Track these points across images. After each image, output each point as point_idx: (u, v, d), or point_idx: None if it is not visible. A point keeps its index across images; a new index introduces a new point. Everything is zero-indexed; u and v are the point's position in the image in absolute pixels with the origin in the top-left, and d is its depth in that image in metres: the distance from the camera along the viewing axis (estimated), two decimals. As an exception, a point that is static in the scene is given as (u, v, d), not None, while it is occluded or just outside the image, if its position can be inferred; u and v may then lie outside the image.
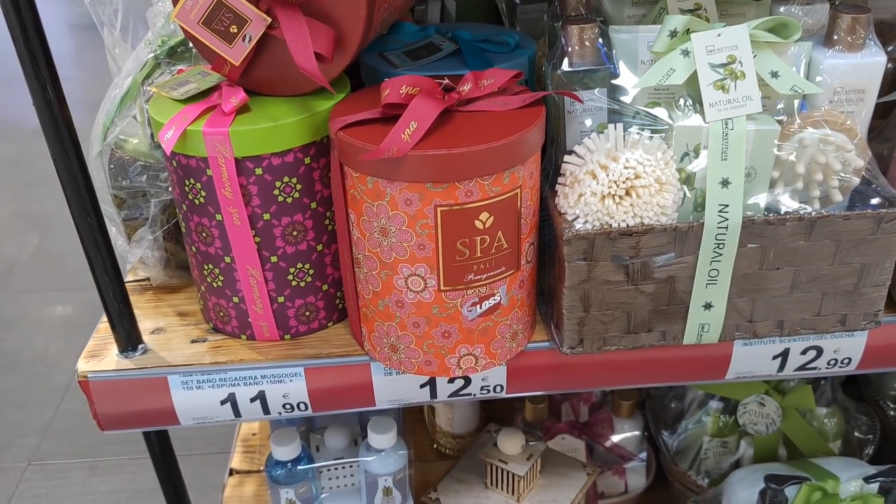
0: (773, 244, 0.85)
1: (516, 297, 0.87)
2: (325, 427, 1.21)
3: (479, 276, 0.82)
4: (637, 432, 1.43)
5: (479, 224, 0.79)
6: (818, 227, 0.85)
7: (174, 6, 0.85)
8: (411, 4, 1.06)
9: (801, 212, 0.86)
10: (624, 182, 0.82)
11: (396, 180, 0.77)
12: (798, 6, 0.99)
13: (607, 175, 0.82)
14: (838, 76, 0.85)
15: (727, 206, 0.83)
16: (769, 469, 1.21)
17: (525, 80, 0.99)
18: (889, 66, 1.06)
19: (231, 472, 1.53)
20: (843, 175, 0.86)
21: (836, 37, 0.85)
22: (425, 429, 1.63)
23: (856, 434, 1.35)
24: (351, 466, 1.16)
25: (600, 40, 0.87)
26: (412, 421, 1.66)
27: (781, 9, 0.99)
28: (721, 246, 0.84)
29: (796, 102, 0.87)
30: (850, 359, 0.96)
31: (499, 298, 0.85)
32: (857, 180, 0.86)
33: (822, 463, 1.22)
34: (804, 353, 0.96)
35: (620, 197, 0.83)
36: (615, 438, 1.42)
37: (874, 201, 0.87)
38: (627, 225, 0.83)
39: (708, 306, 0.88)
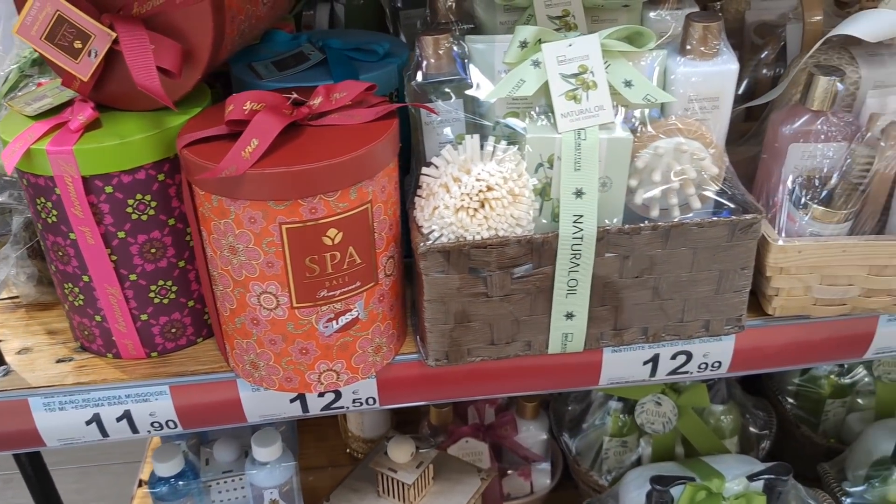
0: (630, 253, 0.85)
1: (376, 312, 0.86)
2: (216, 440, 1.19)
3: (332, 292, 0.81)
4: (542, 433, 1.43)
5: (327, 240, 0.78)
6: (673, 236, 0.85)
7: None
8: (282, 13, 1.04)
9: (658, 221, 0.86)
10: (477, 195, 0.81)
11: (239, 199, 0.76)
12: (668, 11, 1.00)
13: (460, 188, 0.81)
14: (692, 84, 0.86)
15: (582, 216, 0.83)
16: (661, 469, 1.22)
17: (396, 89, 0.98)
18: (766, 71, 1.08)
19: (140, 484, 1.51)
20: (699, 182, 0.86)
21: (689, 45, 0.86)
22: (339, 434, 1.63)
23: (752, 429, 1.37)
24: (240, 479, 1.15)
25: (456, 49, 0.86)
26: (326, 426, 1.65)
27: (652, 14, 1.00)
28: (578, 256, 0.84)
29: (647, 111, 0.87)
30: (720, 362, 0.97)
31: (356, 313, 0.84)
32: (714, 187, 0.87)
33: (714, 461, 1.23)
34: (674, 357, 0.96)
35: (475, 210, 0.82)
36: (520, 440, 1.42)
37: (729, 209, 0.87)
38: (482, 237, 0.83)
39: (570, 316, 0.88)
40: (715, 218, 0.85)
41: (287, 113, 0.80)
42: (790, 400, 1.43)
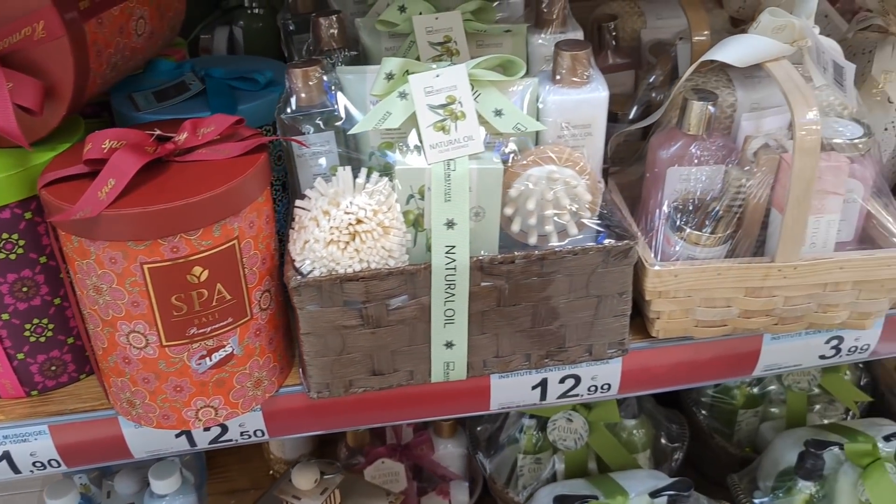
0: (506, 281, 0.85)
1: (253, 346, 0.85)
2: (118, 471, 1.18)
3: (203, 329, 0.81)
4: (460, 451, 1.43)
5: (192, 279, 0.78)
6: (548, 264, 0.85)
7: None
8: (167, 41, 1.03)
9: (535, 248, 0.86)
10: (347, 228, 0.81)
11: (98, 239, 0.75)
12: (551, 34, 1.00)
13: (329, 221, 0.81)
14: (563, 112, 0.86)
15: (454, 246, 0.83)
16: (569, 487, 1.22)
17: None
18: (655, 95, 1.09)
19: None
20: (574, 209, 0.86)
21: (559, 74, 0.86)
22: (262, 455, 1.61)
23: (665, 442, 1.38)
24: (141, 512, 1.14)
25: (327, 80, 0.86)
26: (250, 447, 1.64)
27: (539, 38, 1.00)
28: (453, 286, 0.84)
29: (522, 140, 0.87)
30: (609, 384, 0.98)
31: (231, 349, 0.83)
32: (588, 214, 0.87)
33: (623, 476, 1.24)
34: (562, 381, 0.96)
35: (346, 243, 0.82)
36: (438, 458, 1.42)
37: (603, 235, 0.88)
38: (354, 270, 0.82)
39: (449, 345, 0.88)
40: (587, 245, 0.85)
41: (149, 150, 0.79)
42: (703, 411, 1.45)
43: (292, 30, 1.13)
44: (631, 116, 1.10)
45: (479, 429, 1.40)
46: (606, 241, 0.86)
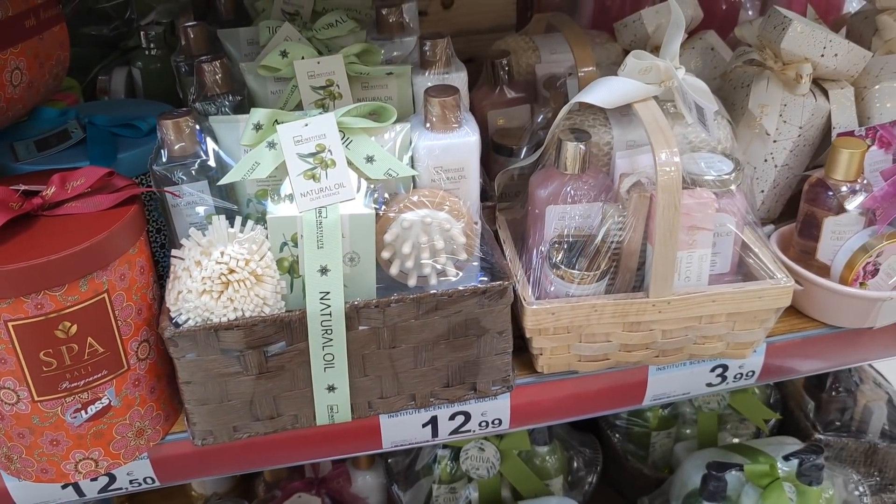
0: (384, 325, 0.86)
1: (132, 397, 0.85)
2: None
3: (75, 383, 0.80)
4: (378, 482, 1.43)
5: (60, 334, 0.77)
6: (425, 307, 0.86)
7: None
8: (52, 88, 1.03)
9: (414, 290, 0.88)
10: (219, 277, 0.81)
11: (-41, 298, 0.74)
12: (436, 74, 1.02)
13: (201, 271, 0.81)
14: (436, 157, 0.87)
15: (328, 293, 0.83)
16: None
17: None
18: (542, 133, 1.10)
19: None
20: (450, 251, 0.88)
21: (430, 119, 0.87)
22: (185, 491, 1.60)
23: (578, 467, 1.39)
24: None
25: (199, 128, 0.86)
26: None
27: (423, 80, 1.02)
28: (329, 332, 0.85)
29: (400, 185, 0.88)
30: (499, 419, 0.99)
31: (107, 401, 0.83)
32: (464, 256, 0.89)
33: (533, 504, 1.25)
34: (453, 418, 0.97)
35: (219, 292, 0.82)
36: (356, 490, 1.43)
37: (481, 275, 0.89)
38: (229, 319, 0.83)
39: (331, 388, 0.89)
40: (461, 288, 0.86)
41: (14, 206, 0.79)
42: (618, 434, 1.47)
43: (185, 71, 1.14)
44: (524, 152, 1.12)
45: (390, 460, 1.40)
46: (480, 283, 0.88)
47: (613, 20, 1.26)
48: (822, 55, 1.03)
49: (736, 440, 1.46)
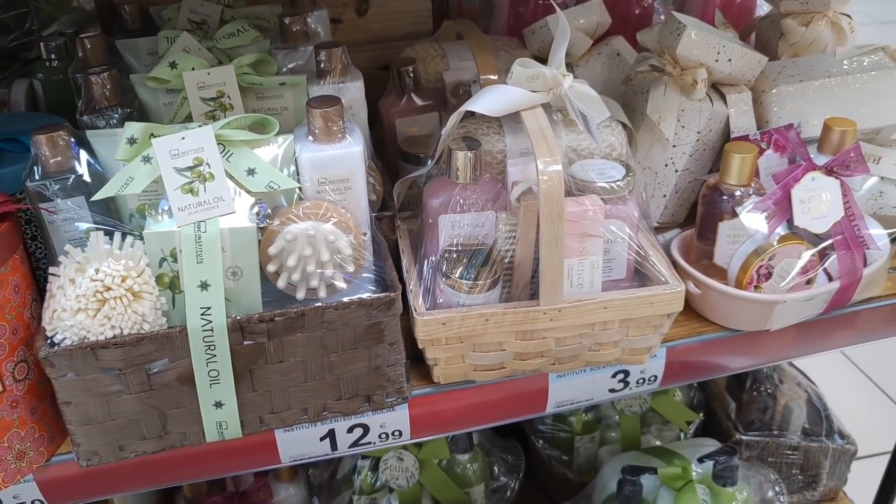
0: (270, 339, 0.85)
1: (10, 419, 0.83)
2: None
3: (-54, 407, 0.78)
4: (301, 495, 1.42)
5: (-75, 357, 0.75)
6: (310, 320, 0.85)
7: None
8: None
9: (303, 302, 0.87)
10: (94, 295, 0.80)
11: None
12: (332, 84, 1.01)
13: (75, 289, 0.79)
14: (319, 168, 0.86)
15: (209, 308, 0.82)
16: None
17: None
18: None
19: None
20: (338, 263, 0.87)
21: (313, 131, 0.86)
22: (109, 508, 1.57)
23: (500, 474, 1.39)
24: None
25: (74, 142, 0.85)
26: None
27: (319, 89, 1.01)
28: (212, 348, 0.83)
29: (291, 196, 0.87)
30: (399, 431, 0.98)
31: (-18, 424, 0.81)
32: (352, 267, 0.88)
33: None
34: (351, 431, 0.96)
35: (96, 310, 0.80)
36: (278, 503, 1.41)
37: (370, 287, 0.88)
38: (106, 337, 0.81)
39: (219, 405, 0.87)
40: (347, 300, 0.86)
41: None
42: (542, 440, 1.47)
43: (82, 83, 1.11)
44: (432, 160, 1.11)
45: (311, 472, 1.39)
46: (367, 294, 0.87)
47: (527, 26, 1.26)
48: (717, 60, 1.03)
49: (659, 443, 1.47)
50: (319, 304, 0.85)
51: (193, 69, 0.97)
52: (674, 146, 1.08)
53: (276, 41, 1.16)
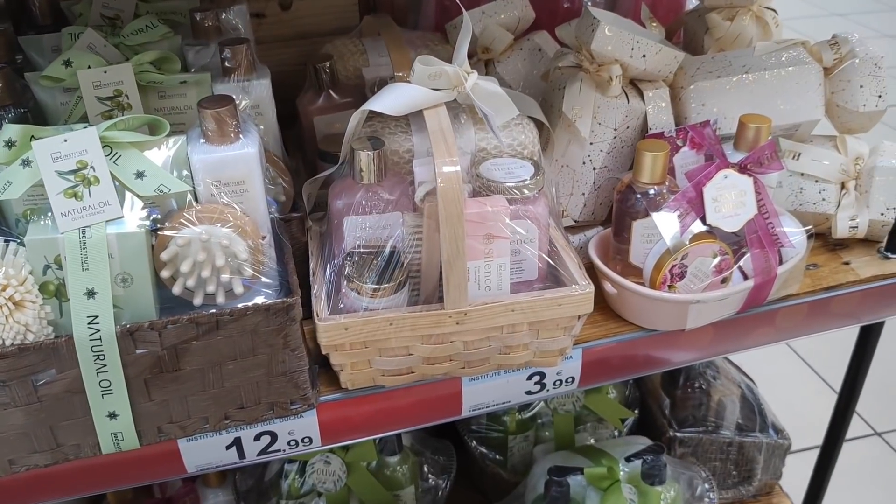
0: (163, 347, 0.83)
1: None
2: None
3: None
4: (229, 499, 1.39)
5: None
6: (206, 327, 0.83)
7: None
8: None
9: (201, 308, 0.84)
10: (-28, 305, 0.77)
11: None
12: (237, 82, 0.98)
13: (-48, 300, 0.76)
14: (212, 171, 0.84)
15: (97, 316, 0.79)
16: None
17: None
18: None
19: None
20: (235, 268, 0.84)
21: (206, 132, 0.84)
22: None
23: (431, 475, 1.37)
24: None
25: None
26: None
27: (224, 87, 0.98)
28: (102, 357, 0.81)
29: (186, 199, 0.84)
30: (309, 437, 0.96)
31: None
32: (249, 272, 0.85)
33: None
34: (258, 438, 0.94)
35: (-24, 320, 0.77)
36: (206, 509, 1.38)
37: (269, 292, 0.86)
38: (-13, 348, 0.78)
39: (113, 415, 0.85)
40: (242, 306, 0.83)
41: None
42: (475, 440, 1.45)
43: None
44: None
45: (238, 476, 1.37)
46: (261, 299, 0.85)
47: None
48: (632, 56, 1.02)
49: (594, 440, 1.46)
50: (214, 310, 0.83)
51: (90, 67, 0.94)
52: (591, 143, 1.06)
53: (189, 37, 1.13)
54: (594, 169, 1.08)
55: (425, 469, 1.37)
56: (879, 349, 1.27)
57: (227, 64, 0.99)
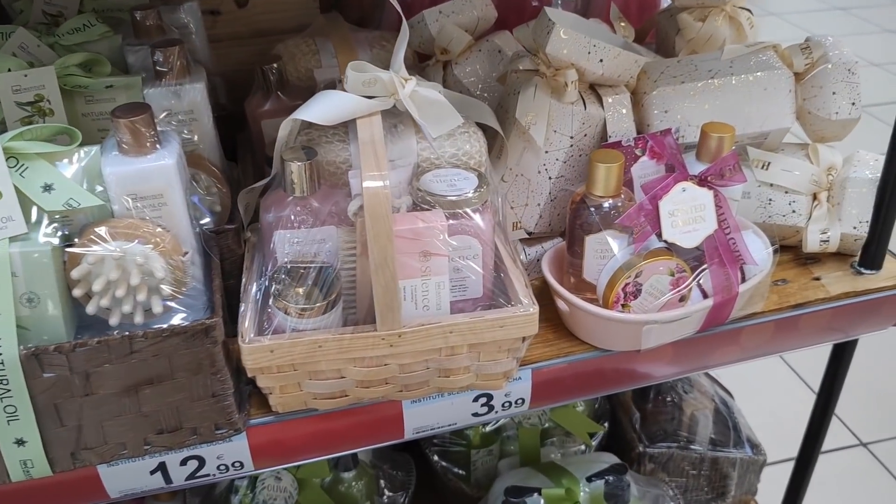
0: (73, 372, 0.78)
1: None
2: None
3: None
4: (182, 514, 1.35)
5: None
6: (119, 349, 0.78)
7: None
8: None
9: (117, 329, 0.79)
10: None
11: None
12: (168, 87, 0.93)
13: None
14: (126, 184, 0.79)
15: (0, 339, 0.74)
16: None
17: None
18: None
19: None
20: (154, 285, 0.79)
21: (121, 142, 0.78)
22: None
23: (388, 491, 1.33)
24: None
25: None
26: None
27: (155, 91, 0.93)
28: (6, 382, 0.76)
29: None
30: (240, 462, 0.91)
31: None
32: (168, 290, 0.80)
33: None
34: (185, 463, 0.89)
35: None
36: (157, 524, 1.34)
37: (188, 311, 0.81)
38: None
39: (21, 442, 0.80)
40: (157, 327, 0.78)
41: None
42: (436, 454, 1.40)
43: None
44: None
45: (187, 491, 1.32)
46: (181, 319, 0.80)
47: (416, 19, 1.18)
48: (588, 60, 0.96)
49: (561, 454, 1.41)
50: (126, 332, 0.78)
51: (10, 70, 0.88)
52: (546, 152, 1.01)
53: (131, 37, 1.08)
54: (550, 178, 1.02)
55: (382, 484, 1.33)
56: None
57: (158, 67, 0.94)
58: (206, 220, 0.97)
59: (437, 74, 1.16)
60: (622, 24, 1.20)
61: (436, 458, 1.40)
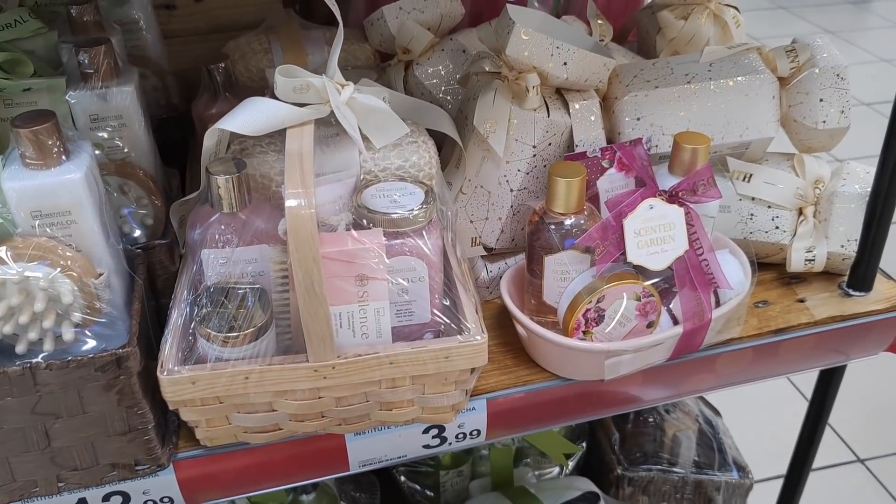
0: (-28, 405, 0.71)
1: None
2: None
3: None
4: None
5: None
6: (18, 382, 0.71)
7: None
8: None
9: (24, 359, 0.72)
10: None
11: None
12: (95, 89, 0.86)
13: None
14: (29, 200, 0.72)
15: None
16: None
17: None
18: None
19: None
20: (65, 310, 0.72)
21: (24, 155, 0.71)
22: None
23: (351, 514, 1.26)
24: None
25: None
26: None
27: (79, 95, 0.86)
28: None
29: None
30: (169, 497, 0.84)
31: None
32: (78, 316, 0.73)
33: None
34: (107, 499, 0.82)
35: None
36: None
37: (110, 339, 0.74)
38: None
39: (-84, 481, 0.73)
40: (63, 358, 0.71)
41: None
42: (404, 475, 1.33)
43: None
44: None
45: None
46: (92, 348, 0.73)
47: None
48: (551, 63, 0.88)
49: (537, 474, 1.34)
50: (28, 363, 0.71)
51: (-82, 72, 0.82)
52: (507, 162, 0.93)
53: (68, 34, 1.01)
54: (512, 191, 0.94)
55: (346, 507, 1.26)
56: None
57: (84, 69, 0.86)
58: (137, 233, 0.90)
59: (399, 75, 1.08)
60: (599, 21, 1.12)
61: (403, 478, 1.33)
